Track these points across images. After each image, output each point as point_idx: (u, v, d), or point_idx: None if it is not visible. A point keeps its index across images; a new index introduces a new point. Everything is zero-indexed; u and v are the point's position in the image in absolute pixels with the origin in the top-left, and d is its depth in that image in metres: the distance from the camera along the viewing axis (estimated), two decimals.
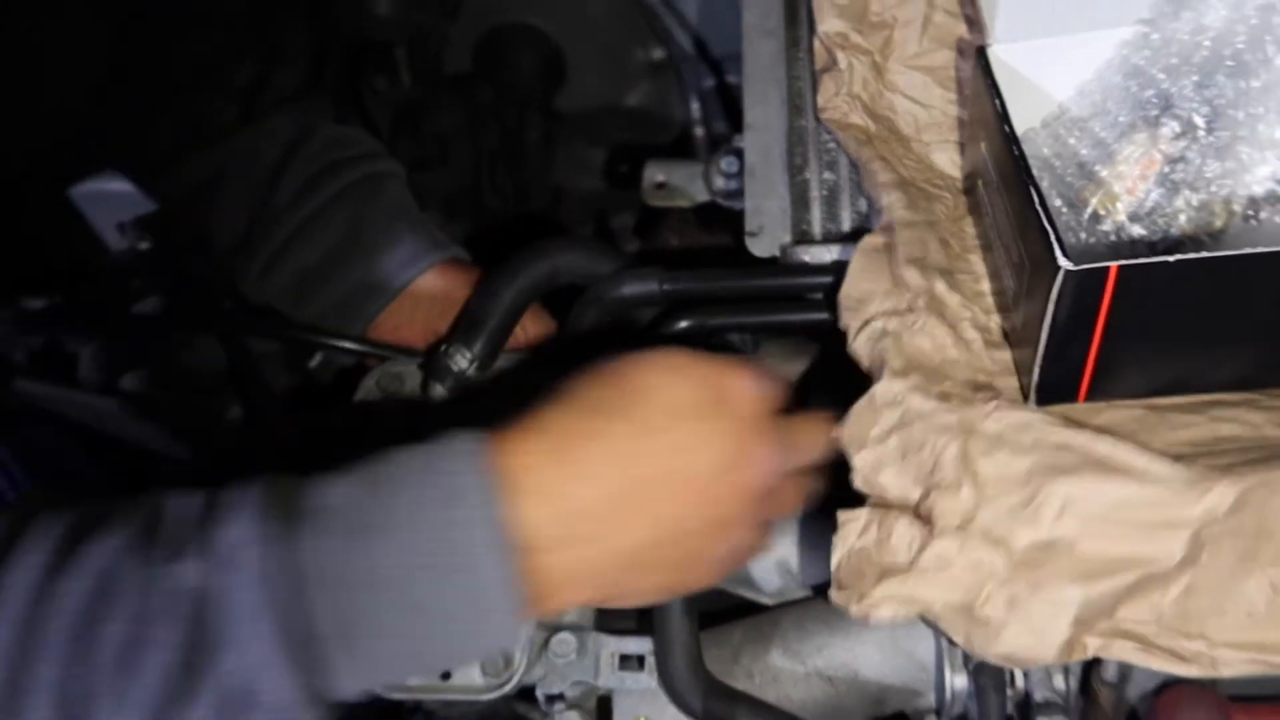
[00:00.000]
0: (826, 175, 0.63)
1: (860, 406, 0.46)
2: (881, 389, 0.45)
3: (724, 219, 0.84)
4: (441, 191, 0.90)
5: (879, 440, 0.45)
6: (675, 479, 0.36)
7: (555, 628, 0.54)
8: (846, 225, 0.61)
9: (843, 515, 0.44)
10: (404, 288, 0.65)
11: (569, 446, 0.35)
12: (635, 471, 0.36)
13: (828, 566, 0.58)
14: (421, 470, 0.33)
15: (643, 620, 0.57)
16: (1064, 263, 0.42)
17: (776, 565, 0.58)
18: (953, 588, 0.41)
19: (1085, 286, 0.42)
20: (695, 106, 0.95)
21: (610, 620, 0.56)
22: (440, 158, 0.89)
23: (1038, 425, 0.43)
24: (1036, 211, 0.45)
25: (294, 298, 0.65)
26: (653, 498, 0.36)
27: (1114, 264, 0.42)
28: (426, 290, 0.66)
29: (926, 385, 0.46)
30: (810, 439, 0.42)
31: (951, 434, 0.43)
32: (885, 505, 0.45)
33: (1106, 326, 0.44)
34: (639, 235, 0.95)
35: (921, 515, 0.44)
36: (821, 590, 0.57)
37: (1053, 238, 0.43)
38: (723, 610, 0.58)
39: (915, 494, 0.44)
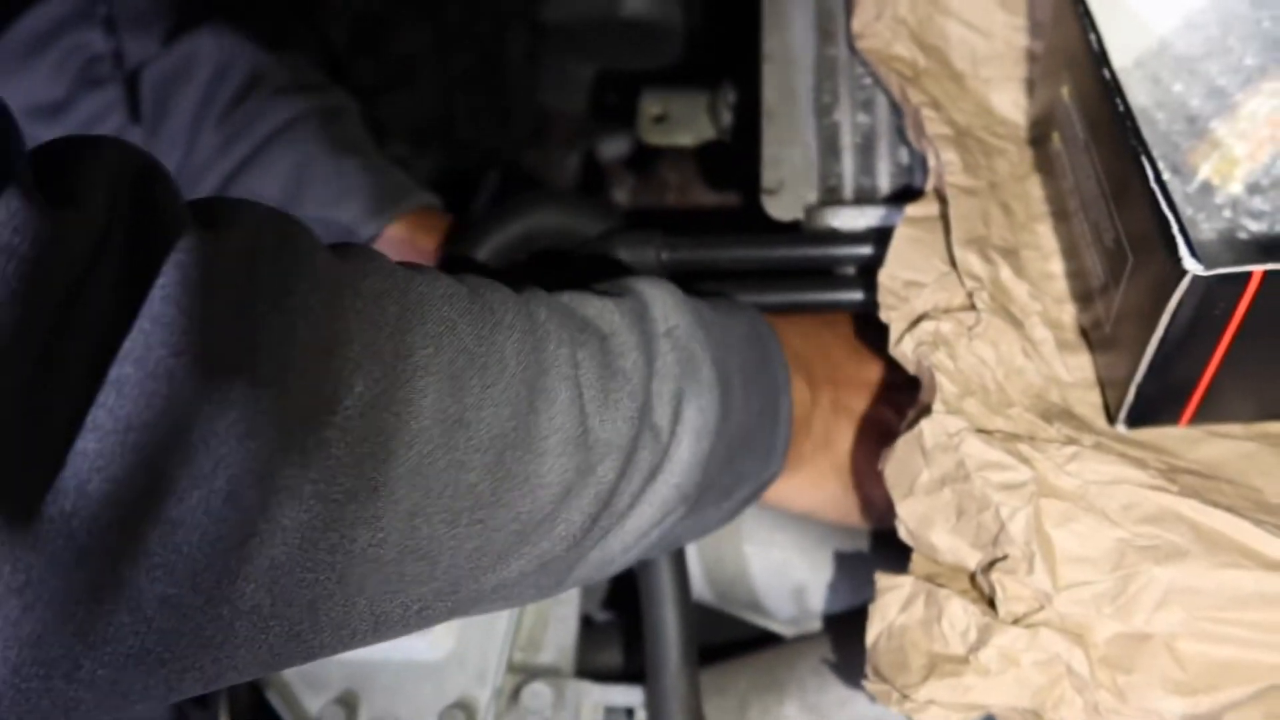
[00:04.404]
0: (861, 118, 0.52)
1: (906, 443, 0.36)
2: (932, 427, 0.36)
3: (732, 159, 0.73)
4: (407, 121, 0.78)
5: (929, 490, 0.35)
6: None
7: (528, 674, 0.45)
8: (884, 181, 0.51)
9: (882, 580, 0.35)
10: None
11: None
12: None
13: (849, 593, 0.50)
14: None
15: (631, 662, 0.49)
16: (1192, 265, 0.32)
17: (792, 591, 0.49)
18: (1019, 691, 0.32)
19: (1215, 295, 0.32)
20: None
21: (594, 661, 0.48)
22: (405, 81, 0.77)
23: (1130, 483, 0.34)
24: (1149, 190, 0.34)
25: None
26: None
27: (1258, 268, 0.32)
28: (391, 249, 0.55)
29: (987, 417, 0.36)
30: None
31: (1020, 495, 0.34)
32: (934, 571, 0.35)
33: (1234, 341, 0.34)
34: (634, 170, 0.83)
35: (980, 589, 0.35)
36: (842, 622, 0.49)
37: (1175, 229, 0.33)
38: (728, 644, 0.50)
39: (973, 560, 0.35)
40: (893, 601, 0.35)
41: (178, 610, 0.24)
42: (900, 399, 0.41)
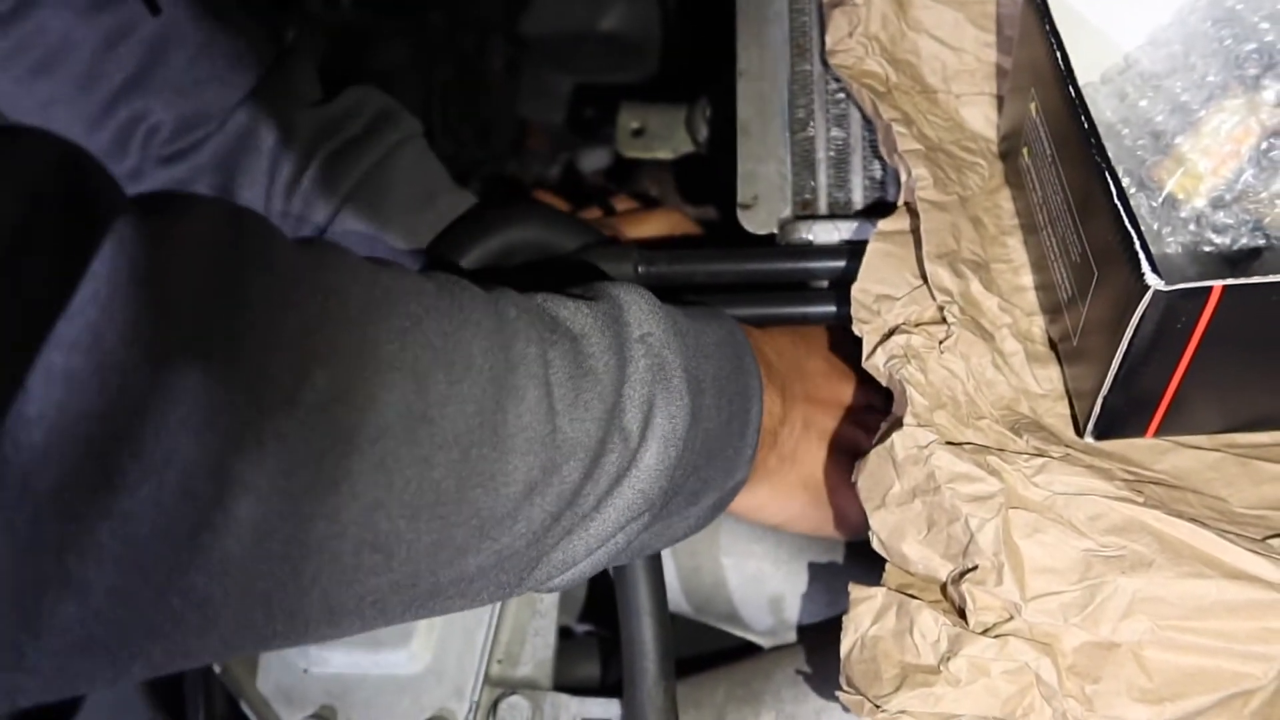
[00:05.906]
0: (835, 132, 0.52)
1: (878, 456, 0.37)
2: (903, 440, 0.36)
3: (711, 172, 0.73)
4: None
5: (900, 502, 0.36)
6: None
7: (506, 688, 0.45)
8: (858, 194, 0.51)
9: (855, 592, 0.36)
10: None
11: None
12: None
13: (826, 603, 0.51)
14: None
15: (609, 674, 0.49)
16: (1154, 281, 0.32)
17: (769, 602, 0.50)
18: (990, 700, 0.33)
19: (1177, 309, 0.33)
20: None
21: (572, 674, 0.48)
22: (386, 94, 0.77)
23: (1097, 494, 0.34)
24: (1113, 205, 0.35)
25: None
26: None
27: (1218, 284, 0.32)
28: None
29: (957, 429, 0.37)
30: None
31: (989, 507, 0.34)
32: (907, 582, 0.36)
33: (1196, 354, 0.35)
34: (615, 181, 0.84)
35: (951, 599, 0.35)
36: (819, 632, 0.49)
37: (1137, 244, 0.33)
38: (705, 655, 0.50)
39: (944, 571, 0.35)
40: (865, 613, 0.35)
41: (127, 601, 0.24)
42: (872, 419, 0.42)
